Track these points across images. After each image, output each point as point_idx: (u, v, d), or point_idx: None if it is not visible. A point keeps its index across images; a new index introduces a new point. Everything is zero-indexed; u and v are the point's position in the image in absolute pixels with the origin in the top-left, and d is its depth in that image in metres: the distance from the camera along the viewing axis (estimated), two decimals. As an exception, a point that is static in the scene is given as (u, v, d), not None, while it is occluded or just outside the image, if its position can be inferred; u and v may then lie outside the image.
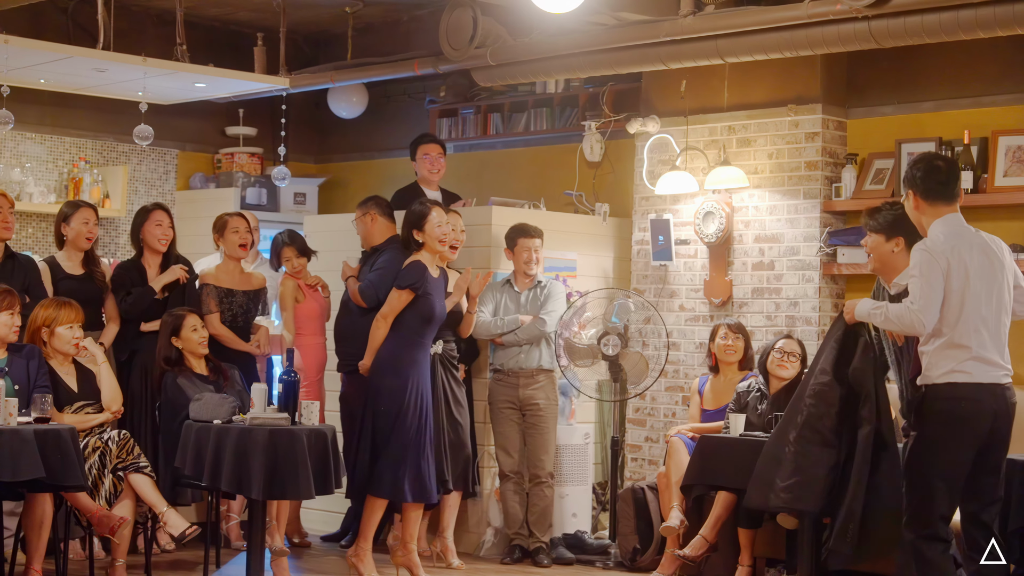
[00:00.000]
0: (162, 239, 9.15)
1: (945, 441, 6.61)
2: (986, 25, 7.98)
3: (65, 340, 8.05)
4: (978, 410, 6.59)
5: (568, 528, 9.55)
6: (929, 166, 6.78)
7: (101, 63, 9.82)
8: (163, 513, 7.84)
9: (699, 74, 9.85)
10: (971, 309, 6.58)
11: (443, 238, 8.60)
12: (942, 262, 6.56)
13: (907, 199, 6.84)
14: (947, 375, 6.59)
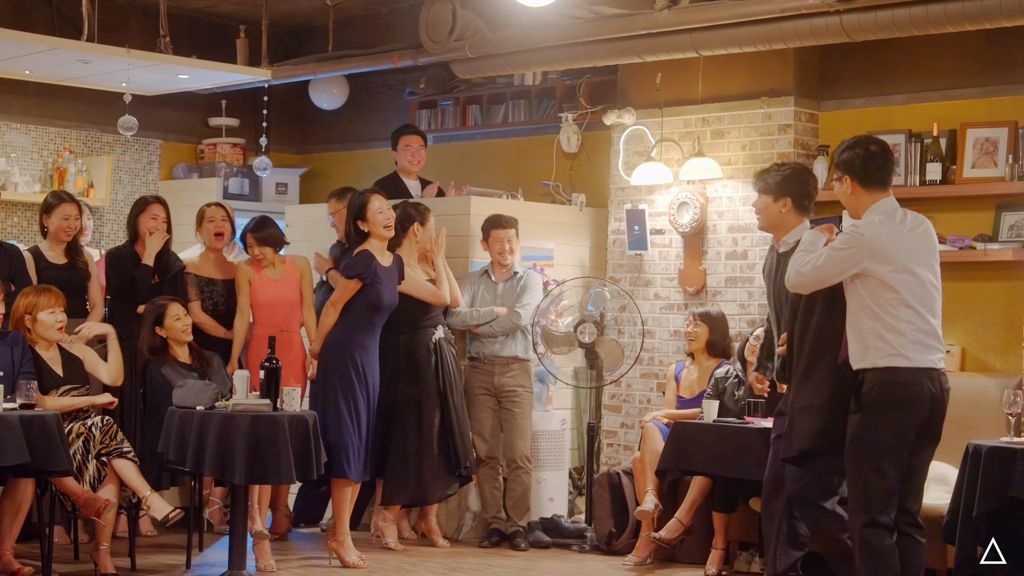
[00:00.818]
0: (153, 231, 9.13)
1: (884, 427, 6.61)
2: (955, 20, 8.01)
3: (48, 325, 8.03)
4: (918, 394, 6.60)
5: (545, 512, 9.57)
6: (867, 152, 6.76)
7: (86, 55, 9.81)
8: (146, 497, 7.82)
9: (674, 67, 9.86)
10: (907, 292, 6.60)
11: (387, 223, 8.68)
12: (866, 249, 6.58)
13: (842, 183, 6.80)
14: (886, 359, 6.59)
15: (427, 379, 9.02)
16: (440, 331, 9.03)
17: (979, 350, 8.90)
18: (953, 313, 8.97)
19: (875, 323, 6.61)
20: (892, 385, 6.59)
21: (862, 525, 6.65)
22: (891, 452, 6.63)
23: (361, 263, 8.57)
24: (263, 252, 9.16)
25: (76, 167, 11.25)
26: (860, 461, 6.66)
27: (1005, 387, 7.91)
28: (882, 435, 6.62)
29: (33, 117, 11.36)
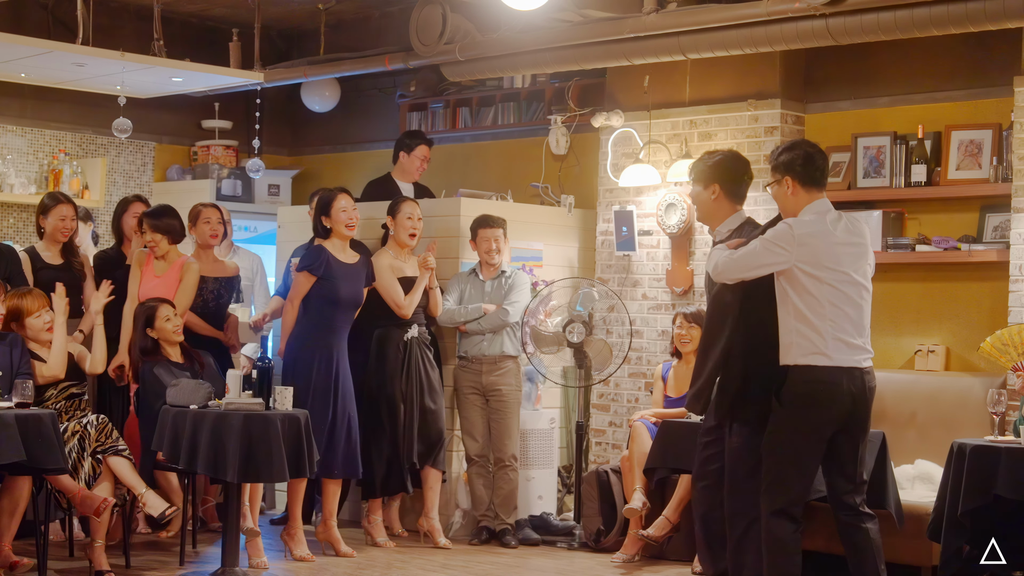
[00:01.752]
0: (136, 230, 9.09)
1: (801, 423, 6.60)
2: (939, 23, 8.01)
3: (37, 329, 8.00)
4: (835, 393, 6.56)
5: (534, 510, 9.55)
6: (807, 155, 6.76)
7: (80, 58, 9.77)
8: (142, 495, 7.80)
9: (662, 70, 9.85)
10: (831, 292, 6.56)
11: (349, 223, 8.77)
12: (793, 245, 6.55)
13: (781, 184, 6.77)
14: (806, 357, 6.57)
15: (391, 375, 9.05)
16: (414, 330, 9.04)
17: (964, 350, 8.88)
18: (938, 313, 8.98)
19: (799, 322, 6.59)
20: (811, 383, 6.57)
21: (770, 513, 6.65)
22: (807, 449, 6.63)
23: (310, 256, 8.72)
24: (155, 239, 8.85)
25: (71, 169, 11.23)
26: (777, 456, 6.65)
27: (989, 387, 7.92)
28: (800, 432, 6.61)
29: (28, 119, 11.33)
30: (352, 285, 8.76)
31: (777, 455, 6.65)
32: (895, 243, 8.95)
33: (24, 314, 7.97)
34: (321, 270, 8.62)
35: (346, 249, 8.82)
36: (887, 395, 8.51)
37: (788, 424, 6.61)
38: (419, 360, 9.07)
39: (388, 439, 9.05)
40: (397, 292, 9.00)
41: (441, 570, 8.28)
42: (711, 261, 6.77)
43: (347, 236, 8.79)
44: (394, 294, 9.00)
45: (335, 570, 8.19)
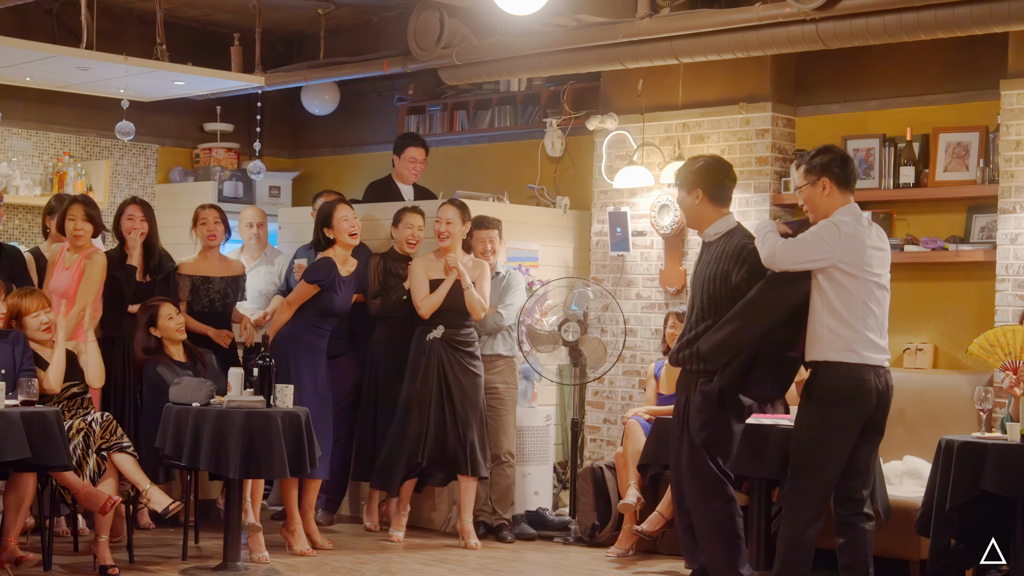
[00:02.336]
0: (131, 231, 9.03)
1: (834, 418, 6.69)
2: (927, 27, 8.02)
3: (34, 328, 7.98)
4: (865, 390, 6.68)
5: (530, 505, 9.55)
6: (843, 158, 6.91)
7: (85, 62, 9.77)
8: (146, 490, 7.80)
9: (655, 73, 9.85)
10: (865, 293, 6.69)
11: (352, 231, 8.74)
12: (839, 243, 6.65)
13: (816, 185, 6.86)
14: (838, 354, 6.67)
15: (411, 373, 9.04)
16: (438, 331, 8.96)
17: (951, 348, 8.89)
18: (926, 312, 8.99)
19: (832, 319, 6.69)
20: (843, 379, 6.67)
21: (801, 509, 6.73)
22: (839, 444, 6.71)
23: (322, 270, 8.66)
24: (84, 229, 8.76)
25: (75, 171, 11.23)
26: (808, 451, 6.73)
27: (976, 384, 7.92)
28: (833, 427, 6.69)
29: (34, 122, 11.33)
30: (346, 297, 8.81)
31: (809, 449, 6.75)
32: (884, 243, 8.96)
33: (23, 313, 7.97)
34: (327, 284, 8.63)
35: (348, 260, 8.79)
36: (876, 392, 8.52)
37: (821, 419, 6.72)
38: (441, 361, 8.95)
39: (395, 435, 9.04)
40: (417, 292, 8.97)
41: (439, 564, 8.28)
42: (765, 245, 6.77)
43: (351, 245, 8.76)
44: (414, 293, 8.99)
45: (335, 564, 8.19)
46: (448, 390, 8.93)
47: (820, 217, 6.87)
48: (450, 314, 8.96)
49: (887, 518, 7.76)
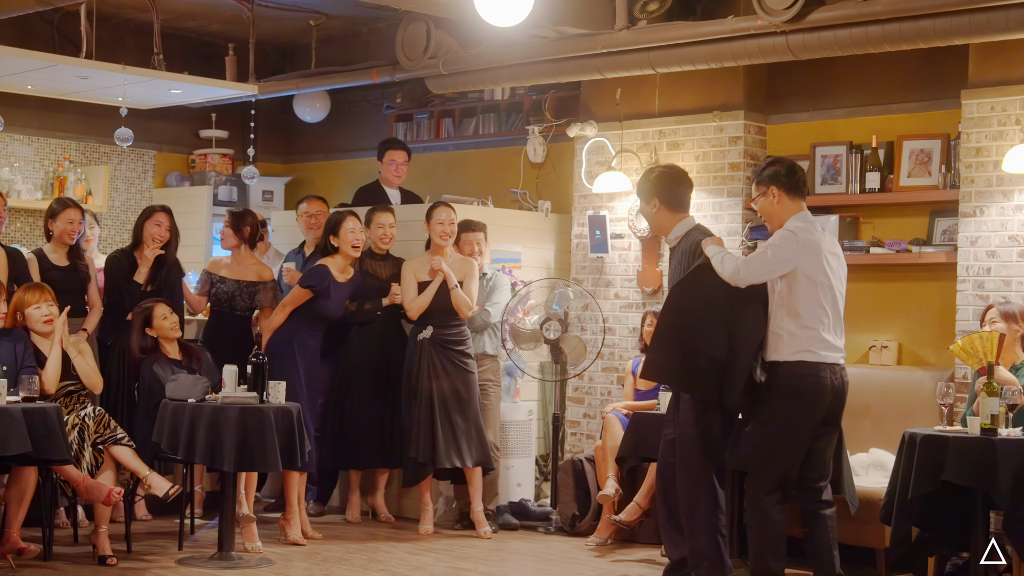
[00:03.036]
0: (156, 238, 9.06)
1: (793, 413, 6.79)
2: (892, 39, 8.06)
3: (35, 319, 7.98)
4: (821, 387, 6.78)
5: (513, 496, 9.57)
6: (790, 166, 7.00)
7: (84, 71, 9.78)
8: (146, 477, 7.82)
9: (633, 83, 9.88)
10: (820, 295, 6.79)
11: (356, 243, 8.77)
12: (798, 250, 6.76)
13: (767, 195, 6.95)
14: (796, 354, 6.77)
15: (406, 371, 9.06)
16: (427, 331, 8.97)
17: (915, 345, 8.94)
18: (890, 311, 9.03)
19: (792, 321, 6.80)
20: (801, 377, 6.77)
21: (764, 494, 6.82)
22: (798, 437, 6.81)
23: (317, 276, 8.67)
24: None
25: (75, 176, 11.22)
26: (769, 443, 6.83)
27: (938, 380, 7.95)
28: (792, 422, 6.80)
29: (35, 129, 11.32)
30: (339, 302, 8.80)
31: (770, 442, 6.83)
32: (851, 246, 9.00)
33: (25, 305, 7.99)
34: (320, 291, 8.65)
35: (346, 268, 8.80)
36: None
37: (781, 414, 6.81)
38: (430, 360, 8.96)
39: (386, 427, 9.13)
40: (406, 294, 9.01)
41: (426, 553, 8.30)
42: (725, 264, 6.85)
43: (352, 256, 8.78)
44: (404, 296, 9.03)
45: (325, 554, 8.20)
46: (439, 388, 8.94)
47: (776, 226, 6.96)
48: (438, 314, 8.97)
49: (854, 508, 7.81)
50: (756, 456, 6.90)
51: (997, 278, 8.33)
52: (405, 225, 9.58)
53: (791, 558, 7.06)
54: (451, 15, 8.94)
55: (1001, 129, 8.33)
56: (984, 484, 6.88)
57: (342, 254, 8.75)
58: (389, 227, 9.19)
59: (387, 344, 9.23)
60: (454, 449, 8.90)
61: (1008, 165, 8.16)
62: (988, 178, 8.37)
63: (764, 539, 6.86)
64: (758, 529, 6.87)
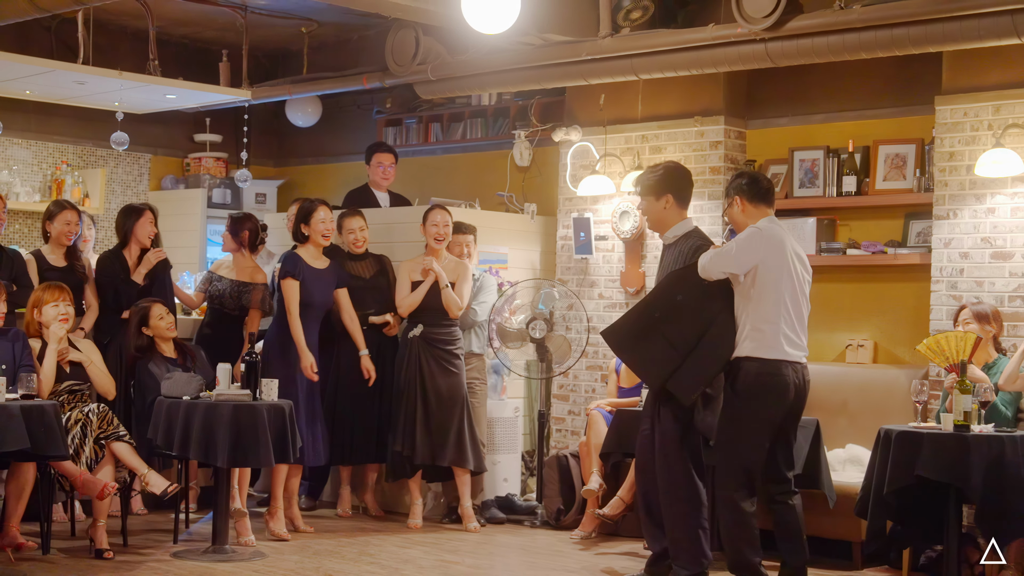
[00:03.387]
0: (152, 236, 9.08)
1: (757, 409, 6.84)
2: (868, 47, 8.07)
3: (51, 316, 8.01)
4: (784, 383, 6.82)
5: (500, 491, 9.58)
6: (751, 177, 7.13)
7: (81, 76, 9.77)
8: (144, 474, 7.81)
9: (616, 89, 9.89)
10: (782, 294, 6.84)
11: (326, 233, 8.80)
12: (762, 244, 6.84)
13: (733, 205, 7.06)
14: (759, 351, 6.82)
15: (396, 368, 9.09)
16: (417, 329, 8.99)
17: (890, 344, 8.96)
18: (866, 311, 9.05)
19: (757, 318, 6.84)
20: (764, 375, 6.81)
21: (734, 490, 6.87)
22: (762, 432, 6.86)
23: (289, 263, 8.71)
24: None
25: (73, 179, 11.20)
26: (735, 438, 6.87)
27: (913, 378, 7.98)
28: (756, 417, 6.85)
29: (33, 133, 11.30)
30: (323, 289, 8.78)
31: (736, 438, 6.87)
32: (828, 247, 9.03)
33: (43, 302, 8.00)
34: (300, 275, 8.64)
35: (319, 256, 8.82)
36: (821, 385, 8.58)
37: (745, 410, 6.85)
38: (418, 357, 8.97)
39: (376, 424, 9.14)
40: (399, 292, 9.03)
41: (415, 546, 8.31)
42: (702, 260, 6.93)
43: (322, 244, 8.79)
44: (397, 295, 9.05)
45: (317, 547, 8.20)
46: (423, 385, 8.94)
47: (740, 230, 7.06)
48: (429, 313, 8.98)
49: (832, 502, 7.83)
50: (722, 452, 6.93)
51: (970, 279, 8.36)
52: (396, 227, 9.59)
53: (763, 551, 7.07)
54: (439, 22, 8.93)
55: (974, 134, 8.35)
56: (957, 479, 6.90)
57: (312, 242, 8.77)
58: (360, 230, 9.21)
59: (378, 345, 9.23)
60: (431, 446, 8.92)
61: (981, 169, 8.18)
62: (961, 182, 8.39)
63: (739, 533, 6.89)
64: (732, 524, 6.90)
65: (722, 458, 6.94)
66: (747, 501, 6.87)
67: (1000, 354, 7.84)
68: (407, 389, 8.94)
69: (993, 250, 8.29)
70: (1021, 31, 7.53)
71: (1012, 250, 8.22)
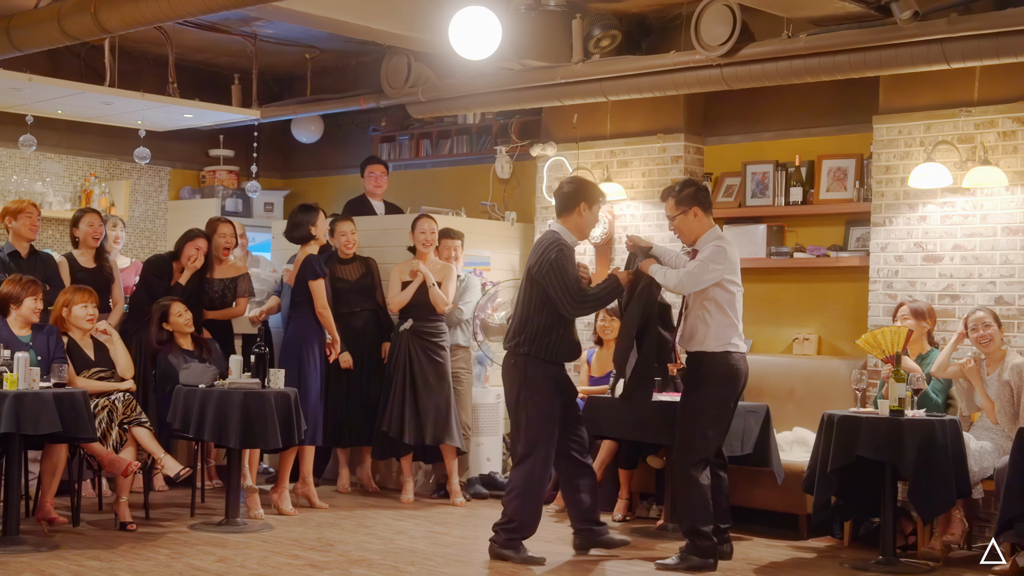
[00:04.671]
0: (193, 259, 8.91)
1: (723, 394, 6.94)
2: (813, 72, 8.08)
3: (80, 317, 7.98)
4: (740, 372, 6.97)
5: (484, 470, 9.56)
6: (705, 188, 7.13)
7: (108, 97, 9.73)
8: (160, 458, 7.78)
9: (587, 109, 9.89)
10: (736, 296, 6.97)
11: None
12: (727, 261, 6.89)
13: (688, 214, 7.01)
14: (723, 345, 6.92)
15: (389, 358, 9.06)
16: (407, 323, 8.99)
17: (832, 338, 8.97)
18: (811, 308, 9.05)
19: (721, 316, 6.92)
20: (727, 366, 6.92)
21: (693, 465, 6.89)
22: (725, 414, 6.99)
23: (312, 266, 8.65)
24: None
25: (100, 189, 11.16)
26: (702, 420, 6.91)
27: (853, 368, 7.99)
28: (721, 401, 6.95)
29: (64, 148, 11.25)
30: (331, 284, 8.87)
31: (702, 420, 6.91)
32: (777, 251, 9.03)
33: (73, 303, 7.97)
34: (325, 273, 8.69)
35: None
36: (770, 375, 8.60)
37: (712, 396, 6.92)
38: (408, 349, 8.96)
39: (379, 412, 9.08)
40: (390, 291, 9.03)
41: (407, 519, 8.29)
42: (668, 278, 6.91)
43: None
44: (388, 293, 9.04)
45: (319, 520, 8.19)
46: (412, 373, 8.93)
47: (689, 239, 7.08)
48: (417, 309, 8.99)
49: (781, 479, 7.83)
50: (692, 433, 6.92)
51: (904, 279, 8.36)
52: (390, 232, 9.57)
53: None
54: (429, 49, 8.92)
55: (907, 150, 8.36)
56: (892, 458, 6.93)
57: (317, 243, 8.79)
58: (351, 234, 9.23)
59: (368, 338, 9.21)
60: (417, 427, 8.90)
61: (913, 181, 8.19)
62: (896, 192, 8.40)
63: (695, 503, 6.90)
64: (691, 496, 6.90)
65: (689, 438, 6.93)
66: (704, 475, 6.92)
67: (933, 347, 7.85)
68: (395, 375, 8.94)
69: (924, 254, 8.30)
70: (949, 58, 7.55)
71: (941, 254, 8.23)
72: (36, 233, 8.68)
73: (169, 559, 6.88)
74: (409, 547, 7.36)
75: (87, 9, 7.57)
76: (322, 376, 8.72)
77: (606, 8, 9.08)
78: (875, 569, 6.96)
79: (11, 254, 8.54)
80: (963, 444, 7.05)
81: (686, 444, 6.95)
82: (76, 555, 6.92)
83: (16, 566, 6.58)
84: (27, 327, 7.72)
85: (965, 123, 8.12)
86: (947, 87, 8.19)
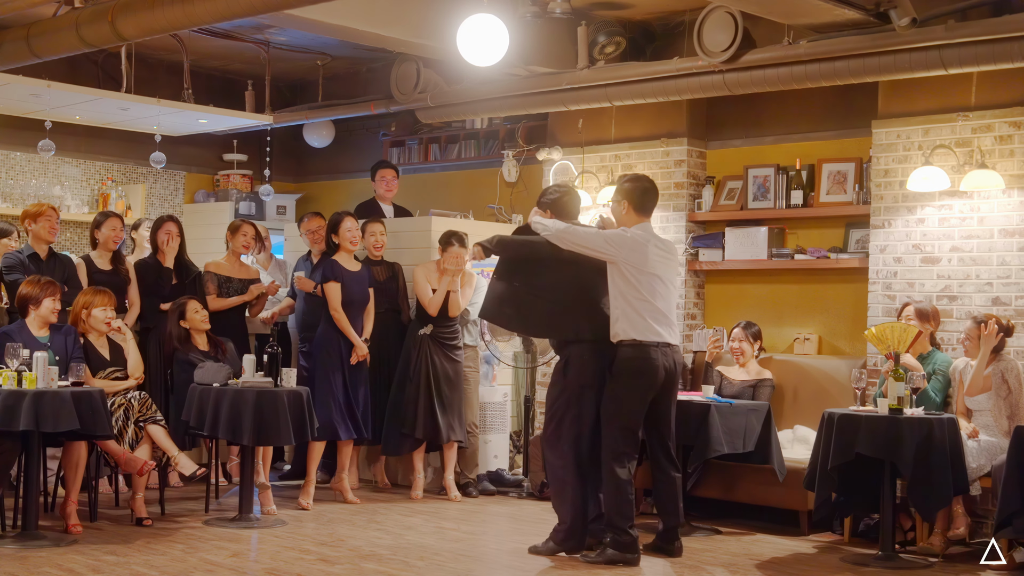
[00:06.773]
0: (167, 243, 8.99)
1: (631, 387, 6.80)
2: (813, 78, 8.06)
3: (99, 319, 7.96)
4: (653, 365, 6.78)
5: (491, 467, 9.55)
6: (644, 189, 7.02)
7: (124, 103, 9.72)
8: (175, 457, 7.76)
9: (592, 114, 9.87)
10: (647, 289, 6.78)
11: (353, 240, 8.81)
12: (623, 244, 6.80)
13: (620, 204, 7.00)
14: (627, 335, 6.80)
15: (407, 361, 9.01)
16: (428, 328, 8.95)
17: (832, 338, 8.94)
18: (812, 309, 9.03)
19: (626, 306, 6.82)
20: (633, 359, 6.78)
21: (613, 458, 6.79)
22: (636, 408, 6.81)
23: (329, 270, 8.68)
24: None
25: (117, 193, 11.17)
26: (616, 414, 6.80)
27: (853, 367, 7.97)
28: (630, 394, 6.80)
29: (82, 153, 11.25)
30: (360, 288, 8.78)
31: (617, 414, 6.81)
32: (778, 253, 9.01)
33: (93, 305, 7.95)
34: (339, 278, 8.64)
35: (351, 260, 8.81)
36: (773, 373, 8.56)
37: (621, 389, 6.81)
38: (428, 353, 8.93)
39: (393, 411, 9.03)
40: (424, 294, 8.91)
41: (416, 515, 8.27)
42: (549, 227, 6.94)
43: (351, 251, 8.79)
44: (422, 296, 8.93)
45: (331, 515, 8.17)
46: (435, 376, 8.91)
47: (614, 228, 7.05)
48: (438, 315, 8.96)
49: (782, 476, 7.80)
50: (608, 425, 6.84)
51: (902, 280, 8.33)
52: (400, 234, 9.56)
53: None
54: (438, 56, 8.91)
55: (906, 154, 8.33)
56: (891, 456, 6.89)
57: (343, 249, 8.75)
58: (380, 235, 9.20)
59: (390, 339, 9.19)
60: (449, 425, 8.90)
61: (912, 184, 8.16)
62: (895, 195, 8.37)
63: (612, 498, 6.80)
64: (609, 489, 6.83)
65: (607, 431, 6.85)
66: (624, 467, 6.79)
67: (934, 347, 7.83)
68: (415, 377, 8.90)
69: (923, 255, 8.26)
70: (947, 63, 7.53)
71: (939, 255, 8.20)
72: (55, 235, 8.67)
73: (184, 554, 6.86)
74: (418, 543, 7.34)
75: (104, 17, 7.56)
76: (359, 373, 8.73)
77: (611, 16, 9.06)
78: (875, 564, 6.93)
79: (31, 256, 8.54)
80: (961, 442, 7.01)
81: (605, 437, 6.87)
82: (93, 550, 6.91)
83: (35, 561, 6.57)
84: (45, 327, 7.70)
85: (962, 127, 8.09)
86: (945, 92, 8.16)
